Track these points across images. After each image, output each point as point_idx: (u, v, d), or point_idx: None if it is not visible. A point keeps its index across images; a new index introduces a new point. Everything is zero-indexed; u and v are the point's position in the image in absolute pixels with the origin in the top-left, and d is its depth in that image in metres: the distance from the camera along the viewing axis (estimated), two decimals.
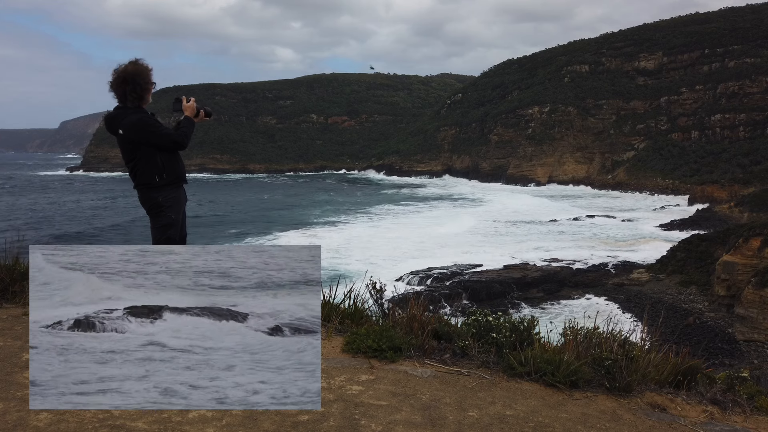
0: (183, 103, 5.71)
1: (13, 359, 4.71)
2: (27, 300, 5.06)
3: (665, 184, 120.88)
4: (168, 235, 5.57)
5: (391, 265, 53.31)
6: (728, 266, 43.38)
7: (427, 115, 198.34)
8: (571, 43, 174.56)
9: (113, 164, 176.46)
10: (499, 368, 5.10)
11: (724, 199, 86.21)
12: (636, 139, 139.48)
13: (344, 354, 5.24)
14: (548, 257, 56.60)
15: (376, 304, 6.22)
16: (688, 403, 4.88)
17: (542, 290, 49.13)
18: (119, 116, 5.44)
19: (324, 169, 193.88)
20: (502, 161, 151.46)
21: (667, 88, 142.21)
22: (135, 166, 5.51)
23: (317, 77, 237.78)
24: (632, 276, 51.33)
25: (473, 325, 5.59)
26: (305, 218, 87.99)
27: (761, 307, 38.72)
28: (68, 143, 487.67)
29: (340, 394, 4.36)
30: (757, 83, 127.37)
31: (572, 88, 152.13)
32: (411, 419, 4.05)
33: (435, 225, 77.79)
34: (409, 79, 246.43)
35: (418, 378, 4.83)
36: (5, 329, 5.45)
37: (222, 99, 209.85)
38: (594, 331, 5.43)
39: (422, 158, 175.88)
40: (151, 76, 5.53)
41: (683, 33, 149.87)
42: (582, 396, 4.76)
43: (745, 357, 36.46)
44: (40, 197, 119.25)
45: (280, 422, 3.84)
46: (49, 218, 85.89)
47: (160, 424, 3.74)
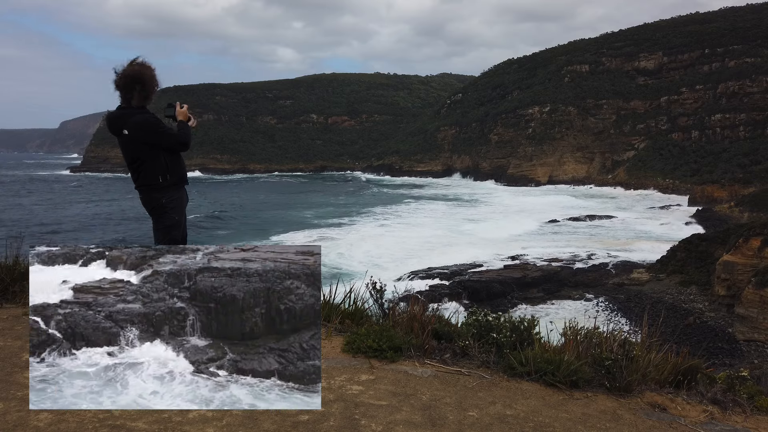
0: (177, 108, 5.70)
1: (14, 359, 4.71)
2: (27, 300, 5.06)
3: (665, 183, 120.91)
4: (171, 236, 5.58)
5: (394, 266, 53.30)
6: (728, 266, 43.39)
7: (428, 114, 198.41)
8: (572, 42, 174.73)
9: (113, 164, 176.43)
10: (500, 368, 5.10)
11: (724, 199, 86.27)
12: (636, 139, 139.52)
13: (344, 354, 5.24)
14: (548, 257, 56.59)
15: (376, 304, 6.22)
16: (689, 402, 4.88)
17: (542, 290, 49.12)
18: (123, 116, 5.43)
19: (324, 169, 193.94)
20: (502, 161, 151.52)
21: (667, 88, 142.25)
22: (139, 166, 5.51)
23: (317, 77, 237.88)
24: (632, 276, 51.33)
25: (473, 325, 5.59)
26: (305, 218, 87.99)
27: (761, 306, 38.72)
28: (68, 143, 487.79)
29: (340, 394, 4.36)
30: (757, 83, 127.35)
31: (572, 87, 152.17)
32: (411, 419, 4.06)
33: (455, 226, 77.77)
34: (410, 79, 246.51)
35: (419, 378, 4.83)
36: (5, 329, 5.45)
37: (222, 99, 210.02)
38: (594, 331, 5.43)
39: (422, 158, 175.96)
40: (156, 76, 5.54)
41: (683, 33, 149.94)
42: (582, 396, 4.76)
43: (745, 357, 36.47)
44: (40, 197, 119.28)
45: (281, 422, 3.84)
46: (48, 218, 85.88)
47: (160, 424, 3.74)
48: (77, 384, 3.75)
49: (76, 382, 3.76)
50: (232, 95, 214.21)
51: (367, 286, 6.17)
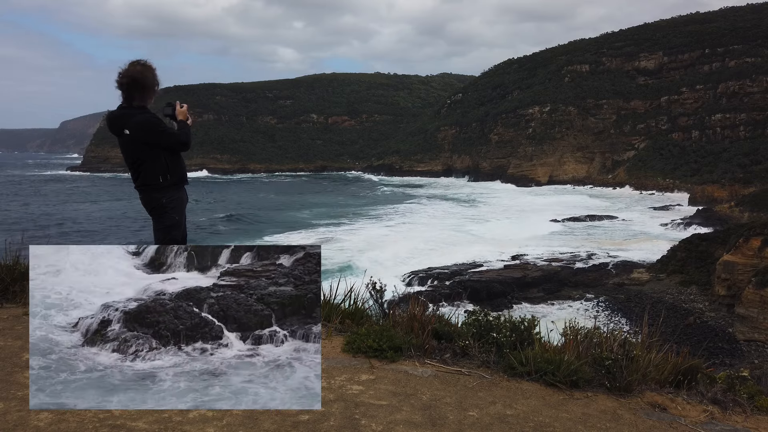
0: (176, 108, 5.71)
1: (14, 359, 4.71)
2: (27, 300, 5.06)
3: (665, 183, 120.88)
4: (172, 236, 5.58)
5: (394, 266, 53.26)
6: (728, 266, 43.37)
7: (428, 114, 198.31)
8: (572, 42, 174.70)
9: (114, 164, 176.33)
10: (500, 368, 5.10)
11: (725, 199, 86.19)
12: (636, 139, 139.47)
13: (344, 354, 5.24)
14: (548, 257, 56.58)
15: (376, 304, 6.22)
16: (689, 402, 4.87)
17: (542, 290, 49.09)
18: (124, 116, 5.44)
19: (324, 169, 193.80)
20: (502, 161, 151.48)
21: (667, 88, 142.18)
22: (139, 167, 5.51)
23: (317, 77, 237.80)
24: (632, 276, 51.31)
25: (473, 324, 5.59)
26: (304, 219, 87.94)
27: (761, 306, 38.71)
28: (69, 143, 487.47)
29: (340, 394, 4.36)
30: (757, 83, 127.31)
31: (572, 87, 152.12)
32: (411, 419, 4.05)
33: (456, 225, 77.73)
34: (410, 78, 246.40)
35: (419, 378, 4.83)
36: (6, 329, 5.46)
37: (222, 99, 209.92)
38: (594, 331, 5.43)
39: (422, 158, 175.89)
40: (157, 76, 5.55)
41: (683, 33, 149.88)
42: (582, 396, 4.76)
43: (745, 357, 36.45)
44: (40, 197, 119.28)
45: (281, 422, 3.84)
46: (48, 218, 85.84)
47: (161, 423, 3.74)
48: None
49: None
50: (232, 95, 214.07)
51: (367, 286, 6.17)
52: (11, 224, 72.94)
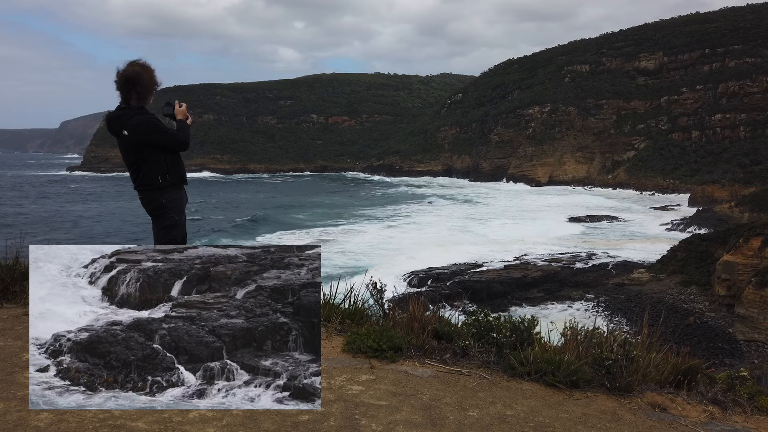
0: (176, 107, 5.72)
1: (14, 359, 4.71)
2: (27, 300, 5.06)
3: (666, 183, 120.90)
4: (172, 236, 5.59)
5: (394, 266, 53.22)
6: (729, 266, 43.35)
7: (428, 114, 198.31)
8: (572, 42, 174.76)
9: (114, 164, 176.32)
10: (500, 368, 5.10)
11: (725, 199, 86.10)
12: (636, 139, 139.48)
13: (344, 354, 5.24)
14: (548, 257, 56.60)
15: (376, 304, 6.22)
16: (689, 403, 4.87)
17: (542, 290, 49.09)
18: (123, 117, 5.45)
19: (324, 169, 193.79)
20: (502, 161, 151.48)
21: (667, 88, 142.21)
22: (139, 167, 5.52)
23: (318, 77, 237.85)
24: (632, 276, 51.30)
25: (473, 325, 5.59)
26: (306, 219, 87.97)
27: (762, 306, 38.71)
28: (69, 143, 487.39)
29: (340, 394, 4.36)
30: (757, 83, 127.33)
31: (573, 87, 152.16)
32: (411, 419, 4.06)
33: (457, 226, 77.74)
34: (410, 78, 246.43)
35: (419, 378, 4.83)
36: (6, 329, 5.46)
37: (222, 99, 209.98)
38: (594, 331, 5.43)
39: (422, 158, 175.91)
40: (156, 76, 5.56)
41: (683, 33, 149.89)
42: (582, 396, 4.75)
43: (745, 357, 36.44)
44: (40, 197, 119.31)
45: (281, 422, 3.84)
46: (48, 218, 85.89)
47: (161, 424, 3.74)
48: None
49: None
50: (232, 95, 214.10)
51: (367, 286, 6.17)
52: (11, 224, 72.95)
